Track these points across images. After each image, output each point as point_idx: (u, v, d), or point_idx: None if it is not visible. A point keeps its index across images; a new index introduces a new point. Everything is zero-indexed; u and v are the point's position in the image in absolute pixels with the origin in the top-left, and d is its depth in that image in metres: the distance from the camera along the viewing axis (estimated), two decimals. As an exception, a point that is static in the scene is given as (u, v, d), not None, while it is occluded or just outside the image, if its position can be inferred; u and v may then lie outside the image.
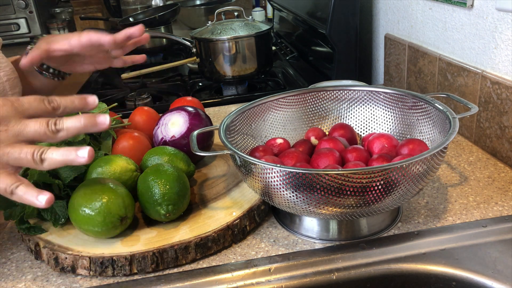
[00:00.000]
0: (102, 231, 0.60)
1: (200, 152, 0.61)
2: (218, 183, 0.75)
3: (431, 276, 0.57)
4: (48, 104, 0.53)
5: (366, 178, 0.52)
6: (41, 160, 0.51)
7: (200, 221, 0.64)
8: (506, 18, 0.73)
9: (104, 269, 0.59)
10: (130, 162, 0.69)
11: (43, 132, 0.52)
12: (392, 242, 0.61)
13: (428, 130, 0.68)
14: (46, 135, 0.52)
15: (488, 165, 0.77)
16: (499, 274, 0.54)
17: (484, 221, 0.63)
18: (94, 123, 0.53)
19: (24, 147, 0.51)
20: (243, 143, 0.72)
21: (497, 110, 0.76)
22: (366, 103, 0.77)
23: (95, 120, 0.53)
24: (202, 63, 1.28)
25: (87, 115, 0.53)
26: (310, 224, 0.64)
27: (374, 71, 1.30)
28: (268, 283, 0.57)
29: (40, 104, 0.53)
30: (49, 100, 0.54)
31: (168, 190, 0.62)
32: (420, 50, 0.98)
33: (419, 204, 0.68)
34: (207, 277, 0.58)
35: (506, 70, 0.75)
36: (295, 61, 1.52)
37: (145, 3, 2.29)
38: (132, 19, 1.91)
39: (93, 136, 0.75)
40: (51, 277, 0.60)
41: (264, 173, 0.56)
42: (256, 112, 0.74)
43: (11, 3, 2.29)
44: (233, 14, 1.42)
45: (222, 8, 1.30)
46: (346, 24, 1.14)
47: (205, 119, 0.80)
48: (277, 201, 0.58)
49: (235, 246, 0.63)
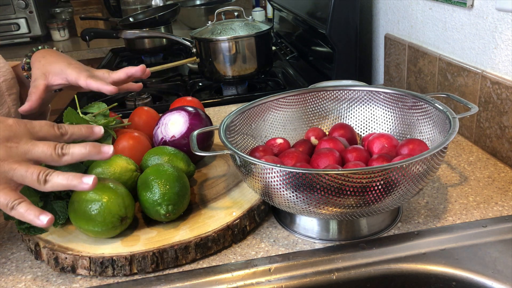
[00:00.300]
0: (102, 231, 0.60)
1: (200, 152, 0.61)
2: (218, 183, 0.75)
3: (431, 276, 0.57)
4: (57, 130, 0.58)
5: (366, 178, 0.52)
6: (45, 181, 0.53)
7: (200, 221, 0.64)
8: (506, 18, 0.73)
9: (104, 269, 0.59)
10: (130, 162, 0.69)
11: (49, 154, 0.54)
12: (392, 242, 0.61)
13: (428, 130, 0.68)
14: (52, 157, 0.55)
15: (488, 165, 0.77)
16: (499, 274, 0.54)
17: (484, 221, 0.63)
18: (98, 151, 0.56)
19: (31, 166, 0.53)
20: (243, 143, 0.72)
21: (497, 110, 0.76)
22: (366, 103, 0.77)
23: (99, 149, 0.56)
24: (202, 63, 1.28)
25: (93, 143, 0.56)
26: (310, 224, 0.64)
27: (374, 71, 1.30)
28: (268, 283, 0.57)
29: (50, 129, 0.57)
30: (58, 126, 0.58)
31: (168, 190, 0.62)
32: (420, 50, 0.98)
33: (419, 204, 0.68)
34: (207, 277, 0.58)
35: (506, 70, 0.75)
36: (295, 61, 1.52)
37: (145, 3, 2.29)
38: (132, 19, 1.91)
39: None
40: (51, 277, 0.60)
41: (264, 173, 0.56)
42: (256, 112, 0.74)
43: (11, 3, 2.29)
44: (233, 14, 1.42)
45: (222, 8, 1.29)
46: (346, 24, 1.14)
47: (205, 119, 0.80)
48: (277, 201, 0.58)
49: (235, 246, 0.63)
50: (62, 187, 0.54)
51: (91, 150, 0.56)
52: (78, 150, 0.55)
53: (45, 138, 0.56)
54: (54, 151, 0.55)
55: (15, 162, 0.53)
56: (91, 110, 0.79)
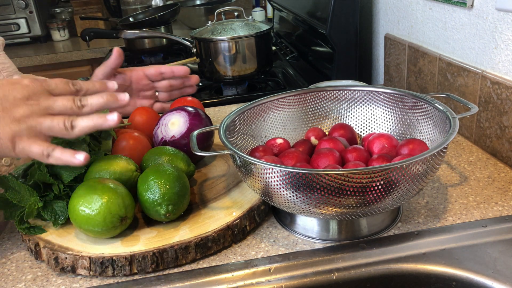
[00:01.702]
0: (102, 231, 0.60)
1: (200, 152, 0.61)
2: (218, 183, 0.75)
3: (431, 276, 0.57)
4: (72, 86, 0.60)
5: (366, 178, 0.52)
6: (71, 127, 0.57)
7: (200, 221, 0.64)
8: (506, 18, 0.73)
9: (104, 269, 0.59)
10: (130, 162, 0.69)
11: (69, 107, 0.58)
12: (392, 242, 0.61)
13: (428, 130, 0.68)
14: (72, 109, 0.58)
15: (488, 165, 0.77)
16: (499, 274, 0.54)
17: (484, 221, 0.63)
18: (115, 99, 0.60)
19: (55, 117, 0.57)
20: (243, 143, 0.72)
21: (497, 110, 0.76)
22: (366, 103, 0.77)
23: (116, 96, 0.59)
24: (202, 63, 1.28)
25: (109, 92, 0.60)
26: (310, 224, 0.64)
27: (374, 71, 1.30)
28: (268, 283, 0.57)
29: (65, 86, 0.60)
30: (73, 82, 0.60)
31: (168, 190, 0.62)
32: (420, 50, 0.98)
33: (419, 204, 0.68)
34: (207, 277, 0.58)
35: (506, 70, 0.75)
36: (295, 61, 1.52)
37: (145, 3, 2.30)
38: (132, 19, 1.92)
39: (93, 136, 0.75)
40: (51, 277, 0.60)
41: (264, 173, 0.56)
42: (256, 112, 0.74)
43: (11, 3, 2.29)
44: (233, 14, 1.42)
45: (222, 8, 1.29)
46: (346, 24, 1.14)
47: (205, 119, 0.80)
48: (277, 201, 0.58)
49: (235, 246, 0.63)
50: (89, 129, 0.57)
51: (108, 98, 0.59)
52: (96, 100, 0.59)
53: (61, 95, 0.59)
54: (74, 104, 0.58)
55: (39, 116, 0.56)
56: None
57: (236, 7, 1.31)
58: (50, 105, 0.57)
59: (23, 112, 0.56)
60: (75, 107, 0.58)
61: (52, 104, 0.57)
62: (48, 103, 0.57)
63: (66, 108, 0.57)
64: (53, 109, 0.57)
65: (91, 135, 0.75)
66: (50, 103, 0.57)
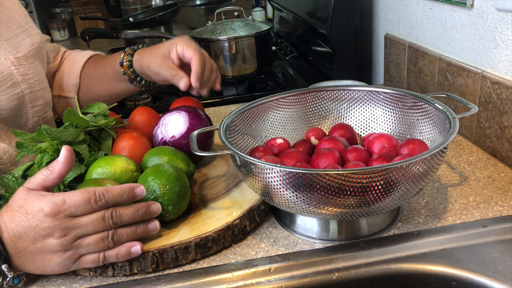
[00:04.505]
0: (102, 231, 0.60)
1: (200, 152, 0.61)
2: (218, 183, 0.75)
3: (431, 276, 0.57)
4: (95, 204, 0.55)
5: (366, 178, 0.52)
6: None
7: (200, 221, 0.64)
8: (506, 18, 0.73)
9: (104, 269, 0.59)
10: (130, 162, 0.69)
11: (101, 246, 0.56)
12: (392, 242, 0.61)
13: (428, 130, 0.68)
14: (105, 246, 0.56)
15: (488, 165, 0.77)
16: (499, 274, 0.54)
17: (484, 221, 0.63)
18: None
19: (91, 238, 0.56)
20: (243, 143, 0.72)
21: (497, 110, 0.76)
22: (366, 103, 0.77)
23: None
24: (202, 63, 1.28)
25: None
26: (310, 224, 0.64)
27: (374, 71, 1.30)
28: (268, 283, 0.57)
29: (87, 206, 0.55)
30: (95, 199, 0.55)
31: (168, 190, 0.62)
32: (420, 50, 0.98)
33: (419, 204, 0.68)
34: (207, 277, 0.58)
35: (506, 70, 0.75)
36: (295, 61, 1.52)
37: (145, 3, 2.29)
38: (132, 19, 1.91)
39: (93, 136, 0.75)
40: (51, 277, 0.60)
41: (264, 173, 0.56)
42: (256, 112, 0.74)
43: (11, 3, 2.28)
44: (233, 14, 1.42)
45: (222, 8, 1.30)
46: (346, 24, 1.14)
47: (205, 119, 0.80)
48: (277, 201, 0.58)
49: (235, 246, 0.63)
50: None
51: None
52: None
53: (85, 214, 0.55)
54: (104, 242, 0.56)
55: (71, 248, 0.55)
56: (91, 110, 0.79)
57: (236, 7, 1.31)
58: (79, 233, 0.55)
59: (55, 246, 0.54)
60: (108, 243, 0.56)
61: (81, 232, 0.55)
62: (76, 232, 0.54)
63: (98, 246, 0.56)
64: (84, 234, 0.55)
65: (91, 134, 0.75)
66: (79, 231, 0.54)
